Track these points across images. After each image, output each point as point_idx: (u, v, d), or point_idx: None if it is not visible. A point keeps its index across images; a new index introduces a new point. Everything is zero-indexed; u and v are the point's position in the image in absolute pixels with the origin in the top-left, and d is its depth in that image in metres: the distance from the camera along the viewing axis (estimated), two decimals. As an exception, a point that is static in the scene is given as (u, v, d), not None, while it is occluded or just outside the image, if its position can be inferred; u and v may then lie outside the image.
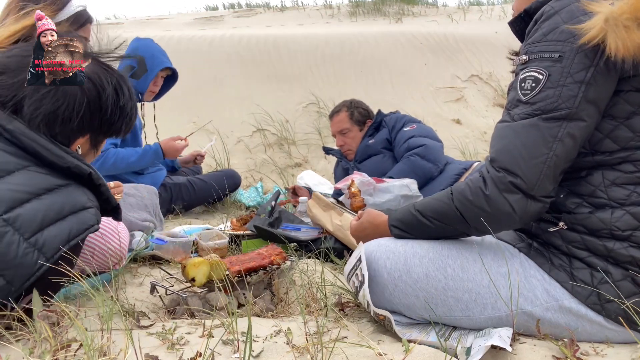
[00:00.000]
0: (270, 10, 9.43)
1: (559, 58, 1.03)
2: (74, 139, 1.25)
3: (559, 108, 1.02)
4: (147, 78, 2.81)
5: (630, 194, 1.06)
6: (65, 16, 1.83)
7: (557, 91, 1.03)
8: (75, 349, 0.97)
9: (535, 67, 1.06)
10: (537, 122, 1.04)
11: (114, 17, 10.27)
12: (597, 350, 1.06)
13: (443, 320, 1.20)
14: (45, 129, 1.16)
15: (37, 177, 1.12)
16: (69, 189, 1.16)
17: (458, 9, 8.78)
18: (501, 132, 1.11)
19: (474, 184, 1.11)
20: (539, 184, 1.04)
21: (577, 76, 1.02)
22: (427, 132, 2.88)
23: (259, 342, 1.08)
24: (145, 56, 2.80)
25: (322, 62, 5.57)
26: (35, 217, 1.07)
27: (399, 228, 1.30)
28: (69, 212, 1.13)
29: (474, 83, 5.58)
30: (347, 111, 3.14)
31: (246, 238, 2.16)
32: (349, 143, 3.13)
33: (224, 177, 3.19)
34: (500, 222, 1.10)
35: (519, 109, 1.08)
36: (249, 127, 4.77)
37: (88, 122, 1.24)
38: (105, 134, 1.33)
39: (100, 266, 1.54)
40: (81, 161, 1.19)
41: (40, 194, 1.11)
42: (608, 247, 1.06)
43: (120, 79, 1.29)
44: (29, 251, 1.04)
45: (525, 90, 1.07)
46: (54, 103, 1.16)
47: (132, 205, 2.06)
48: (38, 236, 1.06)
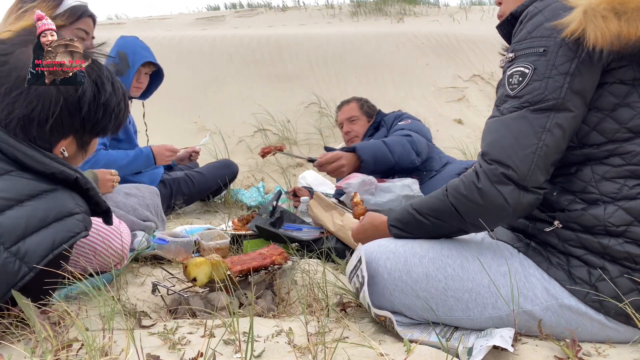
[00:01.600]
0: (272, 10, 9.43)
1: (544, 52, 1.06)
2: (56, 142, 1.19)
3: (546, 99, 1.05)
4: (130, 74, 2.77)
5: (621, 187, 1.07)
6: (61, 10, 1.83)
7: (543, 83, 1.06)
8: (76, 348, 0.97)
9: (521, 63, 1.09)
10: (525, 114, 1.07)
11: (115, 17, 10.29)
12: (599, 351, 1.05)
13: (444, 320, 1.20)
14: (21, 134, 1.11)
15: (20, 183, 1.08)
16: (55, 194, 1.11)
17: (460, 9, 8.77)
18: (491, 126, 1.13)
19: (467, 179, 1.12)
20: (531, 174, 1.05)
21: (561, 68, 1.05)
22: (418, 127, 2.89)
23: (260, 342, 1.08)
24: (127, 52, 2.77)
25: (323, 62, 5.57)
26: (17, 225, 1.02)
27: (397, 227, 1.31)
28: (54, 219, 1.08)
29: (475, 83, 5.57)
30: (357, 102, 3.24)
31: (248, 238, 2.16)
32: (356, 130, 3.16)
33: (221, 168, 3.21)
34: (494, 215, 1.11)
35: (507, 104, 1.11)
36: (251, 127, 4.77)
37: (68, 123, 1.17)
38: (92, 134, 1.26)
39: (102, 266, 1.54)
40: (66, 166, 1.14)
41: (23, 200, 1.06)
42: (603, 244, 1.06)
43: (102, 73, 1.21)
44: (10, 261, 0.99)
45: (513, 85, 1.10)
46: (27, 105, 1.10)
47: (134, 205, 2.06)
48: (20, 245, 1.01)
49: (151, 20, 9.38)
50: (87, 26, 1.93)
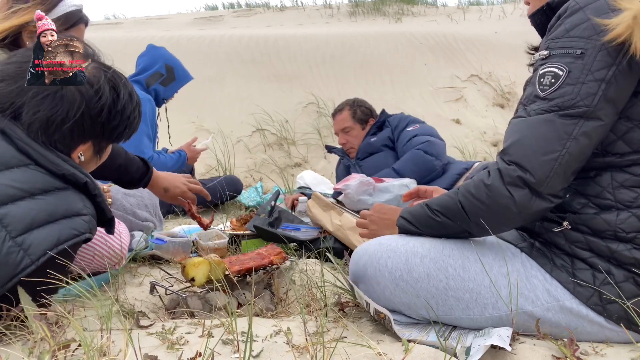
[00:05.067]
0: (270, 10, 9.43)
1: (581, 55, 1.01)
2: (75, 146, 1.21)
3: (577, 105, 1.01)
4: (174, 87, 3.11)
5: (638, 196, 1.05)
6: (54, 16, 1.80)
7: (576, 88, 1.01)
8: (74, 349, 0.97)
9: (555, 63, 1.04)
10: (552, 118, 1.02)
11: (113, 17, 10.28)
12: (597, 350, 1.06)
13: (443, 319, 1.20)
14: (43, 136, 1.14)
15: (36, 176, 1.10)
16: (66, 192, 1.14)
17: (458, 9, 8.78)
18: (515, 126, 1.09)
19: (478, 177, 1.11)
20: (548, 181, 1.02)
21: (597, 74, 1.00)
22: (429, 131, 2.91)
23: (258, 341, 1.08)
24: (175, 66, 3.10)
25: (321, 62, 5.58)
26: (26, 216, 1.04)
27: (406, 219, 1.29)
28: (62, 216, 1.10)
29: (473, 83, 5.58)
30: (349, 110, 3.19)
31: (246, 238, 2.16)
32: (351, 141, 3.16)
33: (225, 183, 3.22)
34: (497, 216, 1.09)
35: (535, 105, 1.06)
36: (249, 127, 4.77)
37: (89, 128, 1.20)
38: (109, 140, 1.29)
39: (100, 266, 1.54)
40: (77, 169, 1.16)
41: (36, 193, 1.08)
42: (611, 248, 1.05)
43: (118, 79, 1.25)
44: (13, 250, 1.00)
45: (544, 86, 1.05)
46: (51, 109, 1.13)
47: (132, 205, 2.06)
48: (26, 236, 1.03)
49: (149, 20, 9.38)
50: (79, 33, 1.89)
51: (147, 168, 1.74)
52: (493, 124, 4.95)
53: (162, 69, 3.03)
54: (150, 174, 1.75)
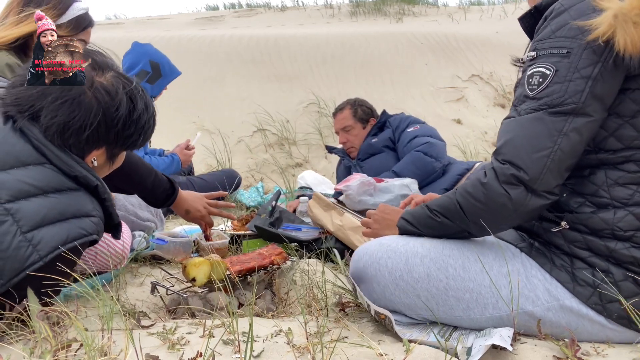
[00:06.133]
0: (271, 10, 9.43)
1: (567, 54, 1.04)
2: (89, 151, 1.23)
3: (565, 103, 1.03)
4: (161, 84, 3.02)
5: (633, 194, 1.05)
6: (65, 20, 1.80)
7: (563, 86, 1.03)
8: (75, 348, 0.97)
9: (542, 63, 1.07)
10: (542, 116, 1.05)
11: (114, 17, 10.29)
12: (598, 351, 1.06)
13: (444, 320, 1.21)
14: (59, 140, 1.16)
15: (50, 175, 1.13)
16: (78, 193, 1.16)
17: (459, 9, 8.77)
18: (507, 126, 1.11)
19: (475, 177, 1.12)
20: (542, 177, 1.04)
21: (584, 71, 1.02)
22: (430, 131, 2.91)
23: (259, 342, 1.08)
24: (161, 63, 3.02)
25: (322, 62, 5.57)
26: (37, 212, 1.06)
27: (407, 220, 1.30)
28: (72, 215, 1.12)
29: (474, 83, 5.57)
30: (350, 109, 3.18)
31: (247, 238, 2.16)
32: (352, 140, 3.15)
33: (224, 177, 3.22)
34: (495, 214, 1.10)
35: (525, 105, 1.08)
36: (250, 127, 4.77)
37: (104, 135, 1.22)
38: (122, 147, 1.31)
39: (102, 266, 1.54)
40: (90, 172, 1.18)
41: (49, 191, 1.11)
42: (610, 247, 1.06)
43: (136, 89, 1.27)
44: (23, 245, 1.03)
45: (533, 86, 1.08)
46: (69, 114, 1.15)
47: (134, 205, 2.06)
48: (35, 232, 1.05)
49: (150, 20, 9.38)
50: (88, 36, 1.91)
51: (172, 190, 1.76)
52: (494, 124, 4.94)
53: (147, 67, 2.96)
54: (175, 197, 1.77)
